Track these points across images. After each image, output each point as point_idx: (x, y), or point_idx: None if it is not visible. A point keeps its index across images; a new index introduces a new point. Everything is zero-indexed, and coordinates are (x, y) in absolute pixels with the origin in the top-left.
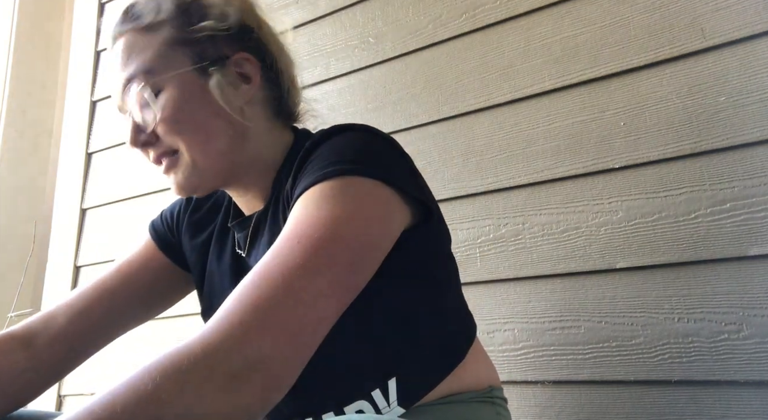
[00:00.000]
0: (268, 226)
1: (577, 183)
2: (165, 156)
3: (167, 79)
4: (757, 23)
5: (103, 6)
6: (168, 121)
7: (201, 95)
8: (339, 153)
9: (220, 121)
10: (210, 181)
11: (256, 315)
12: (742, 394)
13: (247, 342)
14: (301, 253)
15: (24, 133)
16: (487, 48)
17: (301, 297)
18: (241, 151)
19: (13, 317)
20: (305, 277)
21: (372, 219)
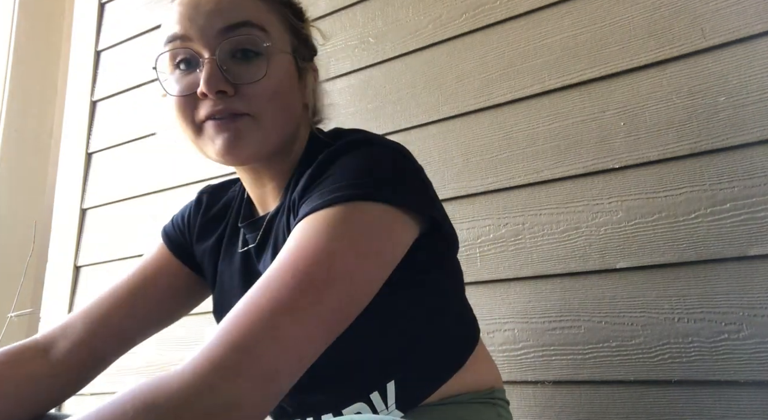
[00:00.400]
0: (275, 229)
1: (577, 183)
2: (234, 113)
3: (277, 49)
4: (757, 23)
5: (103, 6)
6: (269, 87)
7: (296, 81)
8: (349, 175)
9: (297, 110)
10: (260, 155)
11: (237, 357)
12: (742, 394)
13: (224, 385)
14: (293, 290)
15: (24, 133)
16: (487, 48)
17: (285, 341)
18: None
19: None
20: (294, 320)
21: (370, 254)
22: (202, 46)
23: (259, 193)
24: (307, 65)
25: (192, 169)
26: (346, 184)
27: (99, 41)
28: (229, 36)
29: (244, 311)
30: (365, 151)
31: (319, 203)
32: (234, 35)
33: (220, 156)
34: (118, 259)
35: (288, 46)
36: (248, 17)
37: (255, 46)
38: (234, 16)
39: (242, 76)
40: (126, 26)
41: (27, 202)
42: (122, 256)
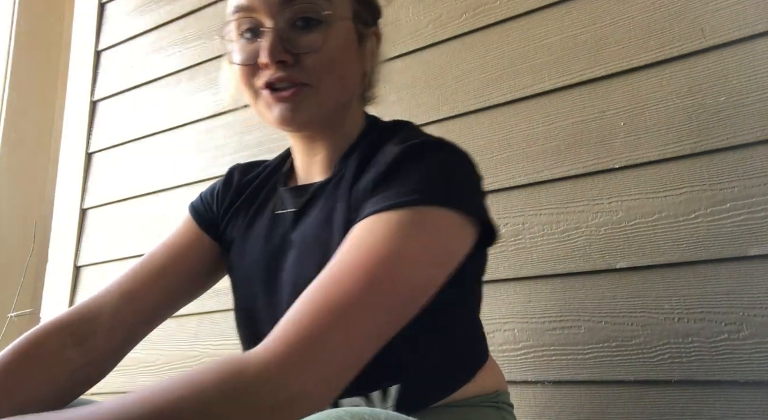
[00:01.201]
0: (322, 202)
1: (577, 183)
2: (293, 83)
3: (337, 17)
4: (757, 23)
5: (103, 6)
6: (328, 56)
7: (355, 49)
8: (422, 178)
9: (356, 77)
10: (319, 125)
11: (312, 349)
12: (742, 394)
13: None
14: (364, 287)
15: (24, 133)
16: (487, 48)
17: (354, 337)
18: (344, 110)
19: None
20: (363, 317)
21: (436, 259)
22: (265, 15)
23: (307, 161)
24: (369, 30)
25: (192, 170)
26: (419, 187)
27: (99, 41)
28: (291, 5)
29: (317, 303)
30: (439, 157)
31: (391, 203)
32: (295, 4)
33: (277, 123)
34: (118, 259)
35: (349, 12)
36: None
37: (316, 14)
38: None
39: (302, 45)
40: (126, 26)
41: (27, 202)
42: (122, 256)
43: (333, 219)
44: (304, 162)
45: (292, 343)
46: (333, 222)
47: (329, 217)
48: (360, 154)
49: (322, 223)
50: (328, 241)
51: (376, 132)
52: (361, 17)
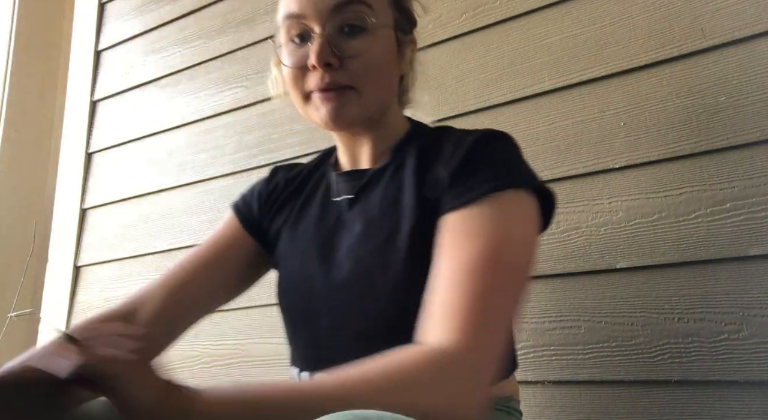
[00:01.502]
0: (385, 182)
1: (577, 183)
2: (338, 86)
3: (381, 25)
4: (757, 23)
5: (103, 6)
6: (370, 61)
7: (394, 55)
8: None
9: (394, 81)
10: (363, 124)
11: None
12: (742, 394)
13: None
14: (494, 275)
15: (24, 133)
16: (487, 48)
17: (505, 323)
18: (385, 111)
19: (13, 317)
20: (507, 301)
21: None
22: (315, 22)
23: (353, 152)
24: (407, 38)
25: (192, 170)
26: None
27: (99, 41)
28: (339, 13)
29: (468, 292)
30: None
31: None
32: (343, 12)
33: (324, 123)
34: (118, 259)
35: (390, 20)
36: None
37: (362, 22)
38: None
39: (348, 49)
40: (126, 26)
41: (27, 202)
42: (122, 256)
43: (401, 200)
44: (350, 154)
45: (468, 331)
46: (401, 202)
47: (396, 198)
48: (419, 145)
49: (389, 203)
50: (397, 219)
51: (425, 130)
52: (400, 26)
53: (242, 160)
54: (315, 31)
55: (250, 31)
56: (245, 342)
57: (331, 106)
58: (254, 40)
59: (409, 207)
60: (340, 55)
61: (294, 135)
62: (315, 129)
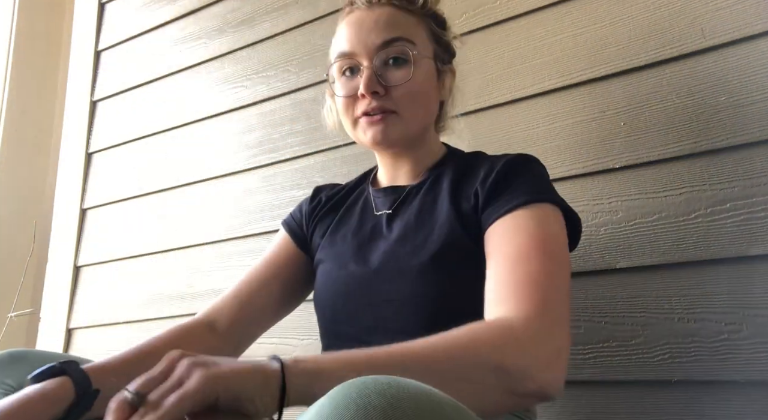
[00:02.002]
0: (420, 197)
1: (577, 183)
2: (384, 110)
3: (422, 57)
4: (757, 23)
5: (103, 6)
6: (412, 88)
7: (434, 83)
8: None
9: (434, 107)
10: (405, 144)
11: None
12: (742, 394)
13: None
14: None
15: (24, 133)
16: (487, 48)
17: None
18: (425, 133)
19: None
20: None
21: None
22: (363, 57)
23: (393, 170)
24: (446, 67)
25: (192, 170)
26: (540, 189)
27: (99, 41)
28: (385, 49)
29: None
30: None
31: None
32: (388, 48)
33: (371, 144)
34: (118, 259)
35: (431, 52)
36: (400, 33)
37: (404, 54)
38: (389, 33)
39: (392, 79)
40: (126, 26)
41: (27, 202)
42: (122, 256)
43: (435, 211)
44: (391, 170)
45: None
46: (436, 213)
47: (431, 208)
48: (454, 165)
49: (423, 213)
50: (430, 225)
51: (460, 153)
52: (439, 56)
53: (242, 160)
54: (363, 65)
55: (250, 31)
56: None
57: (376, 129)
58: (254, 40)
59: (443, 215)
60: (385, 84)
61: (294, 135)
62: (315, 129)
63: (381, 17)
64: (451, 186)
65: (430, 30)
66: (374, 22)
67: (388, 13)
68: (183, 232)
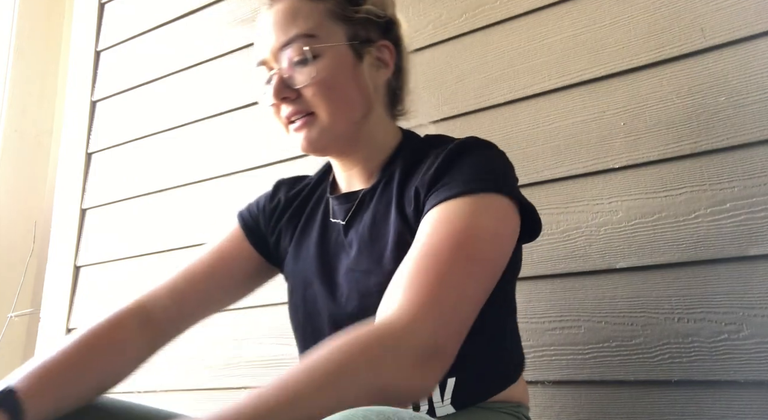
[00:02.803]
0: (373, 203)
1: (577, 183)
2: (300, 114)
3: (326, 47)
4: (757, 23)
5: (103, 6)
6: (321, 84)
7: (351, 69)
8: (481, 169)
9: (359, 95)
10: (338, 144)
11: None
12: (742, 394)
13: (436, 328)
14: (461, 258)
15: (24, 133)
16: (487, 48)
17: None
18: (364, 127)
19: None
20: (465, 281)
21: (504, 240)
22: (273, 62)
23: (346, 175)
24: (372, 47)
25: (192, 169)
26: (478, 177)
27: (99, 41)
28: (285, 50)
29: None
30: (486, 153)
31: (460, 190)
32: (288, 47)
33: (303, 151)
34: (118, 259)
35: (342, 37)
36: (297, 30)
37: (304, 54)
38: (285, 33)
39: (299, 80)
40: (126, 26)
41: (27, 202)
42: (122, 256)
43: (387, 221)
44: (344, 175)
45: (421, 303)
46: (388, 223)
47: (383, 217)
48: (404, 161)
49: (377, 223)
50: (384, 237)
51: (415, 142)
52: (358, 37)
53: (242, 160)
54: (270, 66)
55: (251, 30)
56: (244, 343)
57: (301, 135)
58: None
59: (394, 226)
60: (294, 86)
61: None
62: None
63: (278, 14)
64: (398, 188)
65: (334, 12)
66: (273, 22)
67: (285, 7)
68: (183, 232)
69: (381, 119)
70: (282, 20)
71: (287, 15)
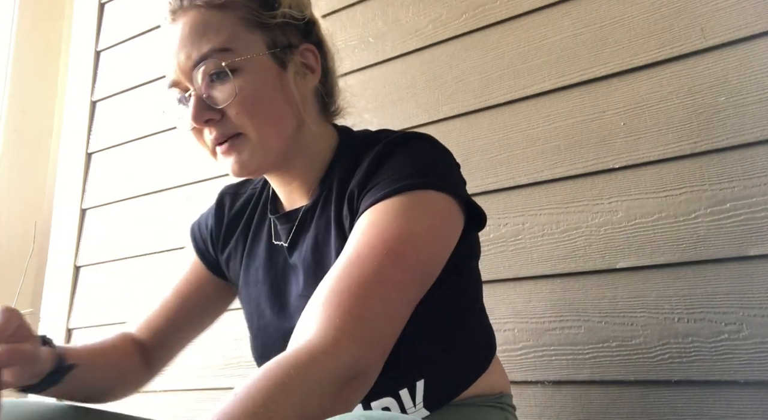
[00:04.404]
0: (315, 221)
1: (577, 183)
2: (227, 136)
3: (245, 60)
4: (757, 23)
5: (103, 6)
6: (246, 102)
7: (276, 80)
8: (411, 165)
9: (288, 107)
10: (271, 163)
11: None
12: (742, 394)
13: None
14: (388, 265)
15: (24, 133)
16: (487, 48)
17: (390, 311)
18: (297, 139)
19: None
20: (392, 289)
21: (440, 237)
22: (187, 82)
23: (285, 190)
24: (294, 53)
25: (192, 170)
26: (410, 173)
27: (99, 41)
28: (199, 68)
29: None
30: (417, 147)
31: (390, 190)
32: (201, 65)
33: (234, 175)
34: (118, 259)
35: (261, 47)
36: (210, 45)
37: (219, 68)
38: (196, 49)
39: (219, 99)
40: (126, 26)
41: (27, 202)
42: (122, 256)
43: (329, 242)
44: (283, 192)
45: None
46: (329, 245)
47: (324, 238)
48: (342, 168)
49: (319, 244)
50: (327, 257)
51: (352, 144)
52: (278, 44)
53: None
54: (184, 87)
55: None
56: (244, 343)
57: (231, 160)
58: None
59: (335, 239)
60: (215, 107)
61: None
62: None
63: (185, 30)
64: (336, 203)
65: (248, 20)
66: (181, 38)
67: (192, 20)
68: (183, 232)
69: (314, 128)
70: (191, 35)
71: (196, 29)
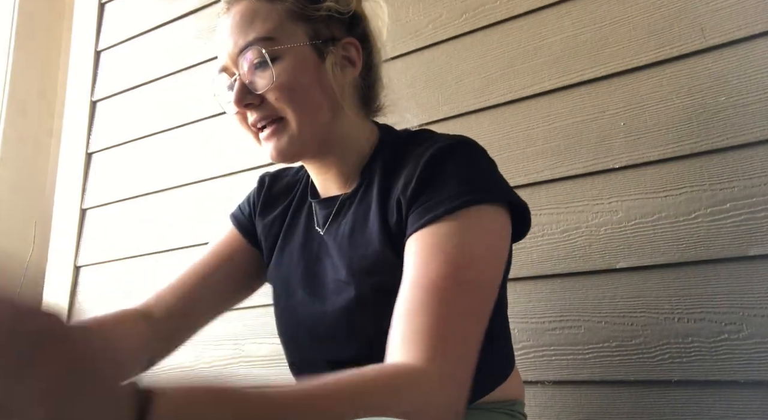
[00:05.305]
0: (353, 210)
1: (577, 183)
2: (267, 121)
3: (286, 49)
4: (757, 23)
5: (103, 6)
6: (283, 88)
7: (314, 70)
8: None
9: (325, 96)
10: (309, 150)
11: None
12: (742, 394)
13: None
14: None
15: (24, 133)
16: (487, 48)
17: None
18: (334, 129)
19: None
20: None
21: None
22: (233, 67)
23: (321, 179)
24: (337, 45)
25: (192, 169)
26: (466, 190)
27: (99, 41)
28: (244, 54)
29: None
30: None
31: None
32: (243, 57)
33: (273, 160)
34: (118, 259)
35: (303, 38)
36: (254, 34)
37: (261, 56)
38: (242, 37)
39: (260, 85)
40: (126, 26)
41: (27, 202)
42: (122, 256)
43: (367, 229)
44: (319, 180)
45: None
46: (367, 232)
47: (362, 228)
48: (383, 162)
49: (356, 234)
50: (365, 243)
51: (393, 142)
52: (321, 36)
53: (243, 160)
54: (231, 72)
55: None
56: (245, 343)
57: (271, 145)
58: None
59: (374, 235)
60: (256, 92)
61: None
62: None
63: (236, 19)
64: (379, 194)
65: (293, 12)
66: (231, 26)
67: (243, 10)
68: (183, 232)
69: (352, 119)
70: (240, 24)
71: (245, 18)
